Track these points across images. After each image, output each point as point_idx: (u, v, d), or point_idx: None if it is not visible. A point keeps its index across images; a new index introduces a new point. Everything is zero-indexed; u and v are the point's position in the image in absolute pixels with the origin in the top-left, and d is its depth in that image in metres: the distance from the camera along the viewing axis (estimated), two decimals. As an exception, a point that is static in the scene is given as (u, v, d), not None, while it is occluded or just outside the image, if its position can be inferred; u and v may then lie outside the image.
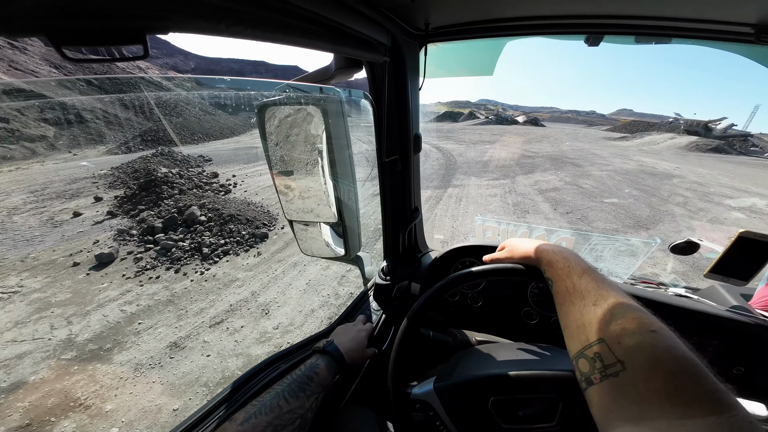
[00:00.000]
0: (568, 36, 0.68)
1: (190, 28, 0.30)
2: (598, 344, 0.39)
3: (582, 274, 0.49)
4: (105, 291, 4.33)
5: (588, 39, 0.68)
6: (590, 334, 0.40)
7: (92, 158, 14.11)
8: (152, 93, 23.74)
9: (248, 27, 0.35)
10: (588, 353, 0.39)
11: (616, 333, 0.38)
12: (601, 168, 13.84)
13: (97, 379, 3.01)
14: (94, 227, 6.21)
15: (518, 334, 1.01)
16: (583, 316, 0.43)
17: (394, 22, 0.66)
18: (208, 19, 0.31)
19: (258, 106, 0.76)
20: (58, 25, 0.23)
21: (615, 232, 6.66)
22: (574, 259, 0.53)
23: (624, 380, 0.35)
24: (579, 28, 0.66)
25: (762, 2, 0.50)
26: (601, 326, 0.40)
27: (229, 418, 0.53)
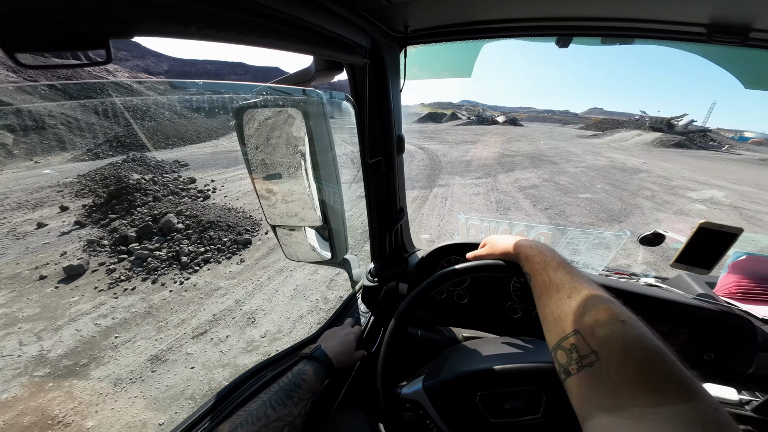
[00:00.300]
0: (540, 38, 0.71)
1: (156, 31, 0.29)
2: (574, 335, 0.40)
3: (557, 268, 0.51)
4: (76, 304, 4.08)
5: (558, 41, 0.71)
6: (566, 325, 0.42)
7: (56, 166, 13.22)
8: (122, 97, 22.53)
9: (221, 30, 0.34)
10: (565, 344, 0.40)
11: (590, 324, 0.39)
12: (575, 165, 14.48)
13: (75, 396, 2.84)
14: (60, 238, 5.82)
15: (503, 328, 1.03)
16: (559, 309, 0.45)
17: (373, 25, 0.66)
18: (175, 22, 0.30)
19: (235, 108, 0.74)
20: (9, 30, 0.21)
21: (590, 226, 6.98)
22: (550, 253, 0.55)
23: (599, 370, 0.36)
24: (550, 30, 0.69)
25: (713, 4, 0.53)
26: (575, 318, 0.41)
27: (214, 429, 0.51)
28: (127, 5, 0.26)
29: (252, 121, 0.79)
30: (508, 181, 10.61)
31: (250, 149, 0.81)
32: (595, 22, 0.65)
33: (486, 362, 0.68)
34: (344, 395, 0.87)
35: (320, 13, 0.48)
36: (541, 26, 0.68)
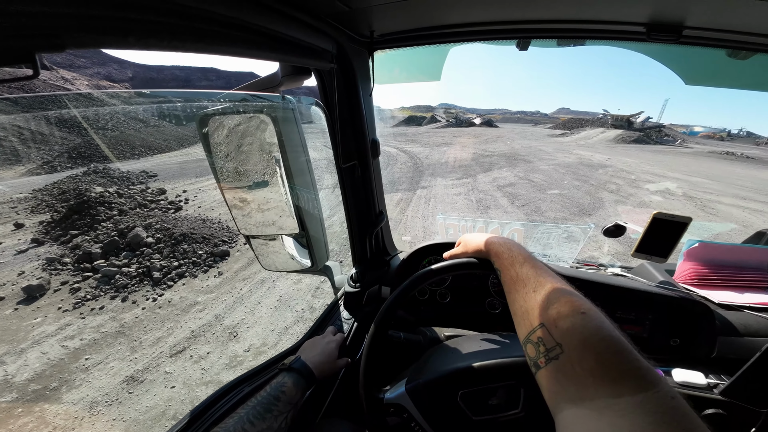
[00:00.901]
0: (502, 41, 0.74)
1: (90, 43, 0.27)
2: (540, 329, 0.40)
3: (523, 263, 0.52)
4: (40, 326, 3.78)
5: (518, 43, 0.74)
6: (533, 319, 0.42)
7: (8, 180, 12.13)
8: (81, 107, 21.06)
9: (164, 39, 0.32)
10: (533, 338, 0.41)
11: (553, 317, 0.40)
12: (548, 163, 15.17)
13: (48, 421, 2.65)
14: (17, 257, 5.35)
15: (484, 324, 1.04)
16: (526, 303, 0.46)
17: (338, 30, 0.66)
18: (110, 33, 0.28)
19: (198, 116, 0.72)
20: None
21: (564, 220, 7.33)
22: (517, 248, 0.57)
23: (563, 362, 0.36)
24: (509, 34, 0.72)
25: (651, 3, 0.57)
26: (541, 311, 0.42)
27: None
28: (53, 17, 0.24)
29: (218, 128, 0.76)
30: (487, 180, 10.94)
31: (217, 158, 0.78)
32: (549, 25, 0.68)
33: (466, 360, 0.69)
34: (329, 404, 0.85)
35: (281, 19, 0.47)
36: (502, 29, 0.71)
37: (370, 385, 0.66)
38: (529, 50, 0.77)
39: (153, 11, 0.30)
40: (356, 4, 0.54)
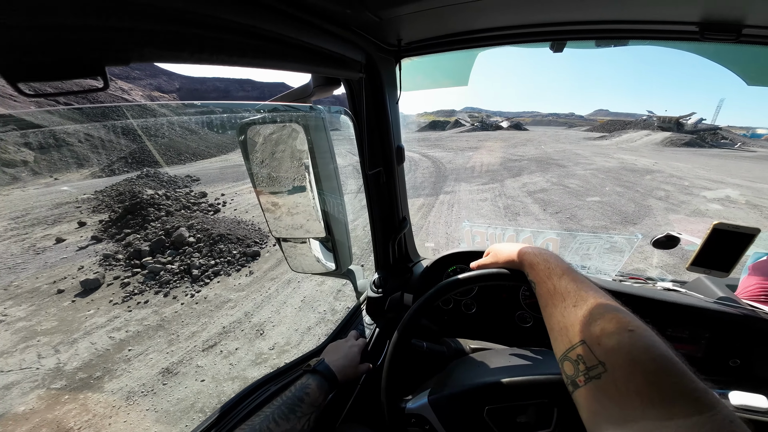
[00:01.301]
0: (534, 44, 0.71)
1: (150, 57, 0.30)
2: (581, 346, 0.39)
3: (562, 275, 0.50)
4: (92, 318, 4.17)
5: (552, 46, 0.71)
6: (572, 335, 0.41)
7: (75, 182, 13.78)
8: (137, 115, 23.51)
9: (213, 53, 0.35)
10: (571, 355, 0.39)
11: (596, 334, 0.38)
12: (584, 167, 14.27)
13: (89, 408, 2.89)
14: (78, 253, 6.01)
15: (513, 338, 1.00)
16: (565, 318, 0.44)
17: (367, 40, 0.68)
18: (168, 48, 0.31)
19: (239, 125, 0.77)
20: (10, 61, 0.23)
21: (603, 229, 6.81)
22: (554, 260, 0.54)
23: (606, 382, 0.34)
24: (543, 36, 0.69)
25: (704, 2, 0.53)
26: (582, 328, 0.40)
27: None
28: (121, 32, 0.28)
29: (255, 136, 0.81)
30: (516, 185, 10.51)
31: (254, 164, 0.83)
32: (588, 26, 0.65)
33: (494, 375, 0.66)
34: (349, 409, 0.86)
35: (313, 31, 0.50)
36: (534, 32, 0.68)
37: (392, 393, 0.65)
38: (563, 51, 0.74)
39: (203, 27, 0.34)
40: (386, 14, 0.55)
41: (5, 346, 3.68)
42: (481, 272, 0.65)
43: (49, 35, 0.24)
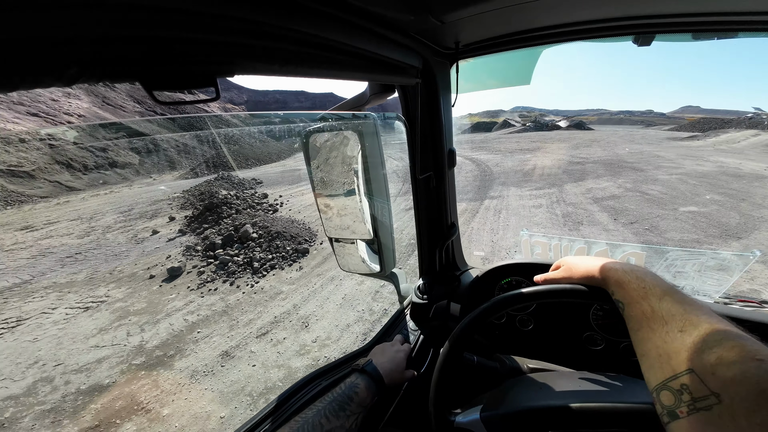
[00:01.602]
0: (615, 38, 0.63)
1: (250, 69, 0.35)
2: (687, 375, 0.36)
3: (662, 296, 0.44)
4: (173, 301, 4.87)
5: (637, 39, 0.62)
6: (676, 363, 0.37)
7: (168, 182, 16.42)
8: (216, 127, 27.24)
9: (297, 65, 0.39)
10: (673, 385, 0.37)
11: (711, 363, 0.34)
12: (669, 172, 12.18)
13: (159, 385, 3.28)
14: (167, 244, 7.12)
15: (580, 361, 0.90)
16: (666, 344, 0.40)
17: (424, 45, 0.67)
18: (264, 60, 0.36)
19: (304, 133, 0.83)
20: (148, 72, 0.28)
21: (696, 244, 5.73)
22: (651, 278, 0.48)
23: (719, 414, 0.32)
24: (627, 30, 0.61)
25: None
26: (691, 355, 0.36)
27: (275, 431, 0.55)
28: (227, 47, 0.32)
29: (316, 143, 0.88)
30: (578, 191, 9.45)
31: (313, 169, 0.89)
32: (684, 18, 0.55)
33: (560, 398, 0.60)
34: (391, 414, 0.86)
35: (376, 40, 0.51)
36: (617, 26, 0.61)
37: (441, 403, 0.63)
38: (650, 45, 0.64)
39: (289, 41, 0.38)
40: (449, 18, 0.54)
41: (104, 324, 4.42)
42: (551, 287, 0.60)
43: (174, 49, 0.28)
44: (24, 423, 2.95)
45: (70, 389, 3.30)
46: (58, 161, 17.52)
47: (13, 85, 0.21)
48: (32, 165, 16.34)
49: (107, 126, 23.35)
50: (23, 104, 24.63)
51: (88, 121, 27.04)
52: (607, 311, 0.86)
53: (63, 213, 11.25)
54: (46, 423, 2.93)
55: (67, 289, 5.46)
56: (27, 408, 3.11)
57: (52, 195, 15.09)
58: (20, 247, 7.85)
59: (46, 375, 3.51)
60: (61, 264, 6.61)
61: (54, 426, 2.89)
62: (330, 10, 0.40)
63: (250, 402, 3.01)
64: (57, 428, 2.86)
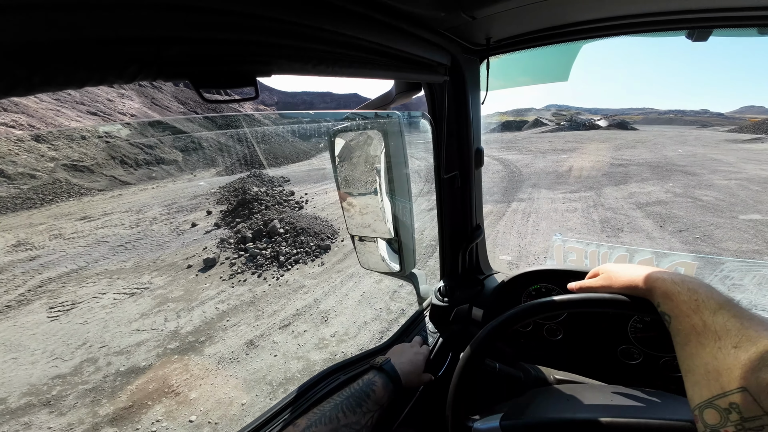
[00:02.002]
0: (666, 33, 0.57)
1: (287, 69, 0.36)
2: (739, 393, 0.34)
3: (717, 310, 0.42)
4: (207, 290, 5.20)
5: (692, 34, 0.56)
6: (726, 381, 0.36)
7: (207, 179, 17.57)
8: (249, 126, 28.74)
9: (330, 65, 0.40)
10: (720, 403, 0.35)
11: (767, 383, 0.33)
12: (726, 176, 10.91)
13: (189, 369, 3.48)
14: (204, 236, 7.63)
15: (613, 375, 0.84)
16: (717, 360, 0.38)
17: (453, 41, 0.66)
18: (299, 60, 0.37)
19: (331, 132, 0.85)
20: (197, 71, 0.29)
21: (756, 255, 5.11)
22: (705, 290, 0.45)
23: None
24: (680, 24, 0.55)
25: None
26: (744, 373, 0.35)
27: (293, 422, 0.56)
28: (265, 47, 0.34)
29: (342, 142, 0.89)
30: (619, 195, 8.76)
31: (338, 167, 0.91)
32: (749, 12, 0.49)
33: (588, 412, 0.57)
34: (406, 416, 0.85)
35: (404, 38, 0.51)
36: (670, 20, 0.55)
37: (459, 408, 0.62)
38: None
39: (322, 41, 0.39)
40: (481, 13, 0.52)
41: (146, 309, 4.79)
42: (588, 296, 0.56)
43: (219, 50, 0.30)
44: (67, 401, 3.19)
45: (110, 370, 3.57)
46: (113, 157, 19.43)
47: (82, 81, 0.23)
48: (92, 160, 18.25)
49: (155, 124, 25.50)
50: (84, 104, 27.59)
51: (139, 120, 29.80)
52: (648, 323, 0.80)
53: (116, 205, 12.46)
54: (86, 402, 3.17)
55: (116, 276, 6.01)
56: (72, 387, 3.37)
57: (108, 188, 16.77)
58: (79, 235, 8.80)
59: (92, 356, 3.82)
60: (112, 252, 7.31)
61: (93, 405, 3.13)
62: (362, 9, 0.41)
63: (270, 391, 3.13)
64: (95, 407, 3.10)
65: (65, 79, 0.22)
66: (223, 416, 2.89)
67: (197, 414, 2.92)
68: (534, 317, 0.60)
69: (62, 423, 2.97)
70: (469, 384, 0.62)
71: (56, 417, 3.03)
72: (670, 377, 0.76)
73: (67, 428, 2.91)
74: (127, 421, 2.92)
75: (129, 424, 2.89)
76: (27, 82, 0.21)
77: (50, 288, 5.73)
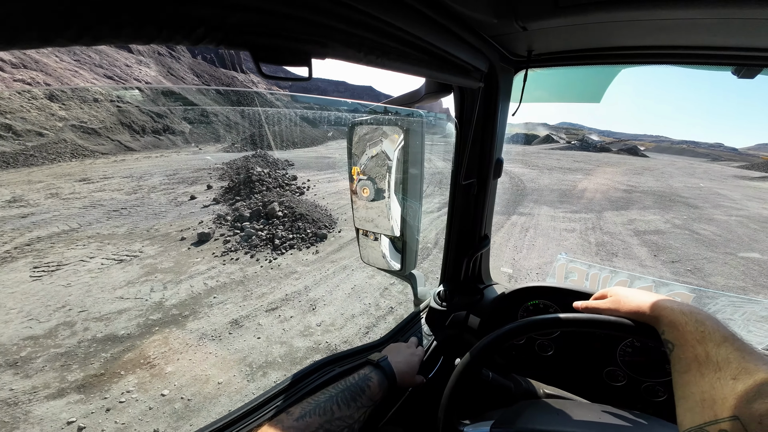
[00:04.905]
0: (712, 67, 0.57)
1: (340, 55, 0.35)
2: (730, 422, 0.35)
3: (721, 343, 0.43)
4: (197, 265, 5.17)
5: (738, 71, 0.55)
6: (720, 409, 0.37)
7: (212, 153, 17.41)
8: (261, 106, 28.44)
9: (378, 56, 0.39)
10: (710, 429, 0.37)
11: (760, 413, 0.34)
12: (728, 212, 10.99)
13: (169, 343, 3.42)
14: (202, 210, 7.58)
15: (597, 394, 0.86)
16: (714, 389, 0.39)
17: (494, 49, 0.65)
18: (353, 47, 0.36)
19: (351, 123, 0.84)
20: (258, 43, 0.28)
21: (741, 291, 5.21)
22: (712, 323, 0.46)
23: None
24: (729, 60, 0.54)
25: None
26: (738, 403, 0.36)
27: (286, 410, 0.56)
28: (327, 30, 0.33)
29: (361, 135, 0.88)
30: (619, 221, 8.80)
31: (355, 159, 0.90)
32: None
33: (576, 427, 0.59)
34: (393, 414, 0.85)
35: (449, 38, 0.50)
36: (717, 54, 0.54)
37: (452, 412, 0.63)
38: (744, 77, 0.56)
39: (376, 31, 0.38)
40: (535, 25, 0.51)
41: (132, 277, 4.72)
42: (593, 317, 0.58)
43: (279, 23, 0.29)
44: (36, 363, 3.09)
45: (86, 336, 3.48)
46: (122, 122, 19.21)
47: (149, 37, 0.23)
48: (100, 123, 18.04)
49: (167, 93, 25.15)
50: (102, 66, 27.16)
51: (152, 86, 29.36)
52: (638, 348, 0.82)
53: (118, 170, 12.35)
54: (56, 366, 3.06)
55: (107, 241, 5.95)
56: (43, 350, 3.25)
57: (112, 152, 16.61)
58: (76, 196, 8.71)
59: (69, 320, 3.72)
60: (107, 216, 7.24)
61: (62, 370, 3.04)
62: (416, 4, 0.40)
63: (248, 372, 3.09)
64: (64, 372, 3.02)
65: (133, 32, 0.21)
66: (197, 393, 2.85)
67: (171, 388, 2.88)
68: (537, 332, 0.61)
69: (26, 385, 2.90)
70: (463, 389, 0.63)
71: (21, 379, 2.96)
72: (650, 402, 0.79)
73: (30, 391, 2.85)
74: (96, 389, 2.86)
75: (97, 392, 2.84)
76: (94, 30, 0.20)
77: (38, 247, 5.63)
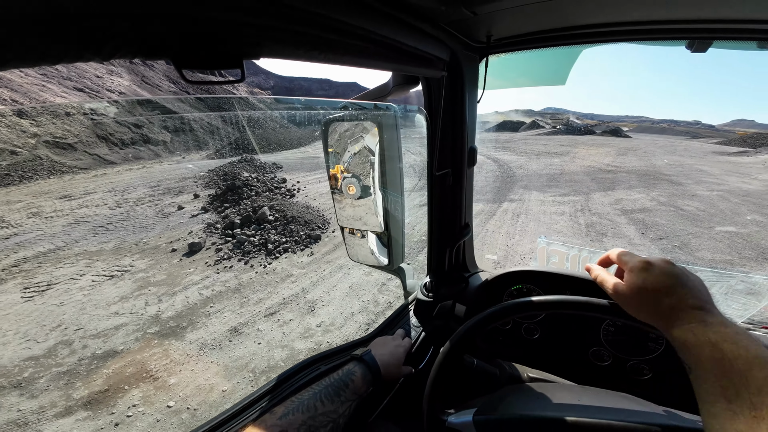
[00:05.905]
0: (666, 42, 0.58)
1: (277, 53, 0.35)
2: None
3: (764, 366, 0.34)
4: (190, 275, 5.10)
5: (691, 45, 0.57)
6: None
7: (196, 161, 17.04)
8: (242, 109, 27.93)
9: (322, 51, 0.39)
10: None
11: None
12: (710, 187, 11.33)
13: (169, 354, 3.41)
14: (190, 220, 7.44)
15: (583, 376, 0.87)
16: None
17: (453, 37, 0.64)
18: (290, 45, 0.35)
19: (324, 121, 0.83)
20: (178, 50, 0.28)
21: (728, 265, 5.38)
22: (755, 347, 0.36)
23: None
24: (681, 33, 0.55)
25: None
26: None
27: (270, 410, 0.56)
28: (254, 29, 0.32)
29: (336, 132, 0.87)
30: (606, 201, 8.99)
31: (332, 157, 0.90)
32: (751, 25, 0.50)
33: (556, 410, 0.59)
34: (384, 407, 0.86)
35: (402, 29, 0.50)
36: (670, 29, 0.55)
37: (435, 401, 0.64)
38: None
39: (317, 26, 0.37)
40: (482, 9, 0.51)
41: (125, 292, 4.65)
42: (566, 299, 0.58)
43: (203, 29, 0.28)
44: (40, 383, 3.10)
45: (86, 353, 3.46)
46: (98, 135, 18.59)
47: (56, 57, 0.22)
48: (75, 138, 17.42)
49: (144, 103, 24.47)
50: (71, 80, 26.16)
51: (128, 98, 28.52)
52: (619, 327, 0.83)
53: (99, 185, 11.99)
54: (60, 384, 3.08)
55: (96, 257, 5.81)
56: (45, 369, 3.26)
57: (91, 167, 16.08)
58: (58, 214, 8.44)
59: (67, 338, 3.69)
60: (93, 233, 7.04)
61: (66, 388, 3.04)
62: None
63: (252, 378, 3.11)
64: (69, 390, 3.01)
65: (39, 55, 0.21)
66: (202, 402, 2.85)
67: (176, 399, 2.88)
68: (514, 315, 0.62)
69: (33, 405, 2.88)
70: (446, 378, 0.64)
71: (27, 399, 2.94)
72: (636, 380, 0.80)
73: (38, 410, 2.83)
74: (102, 405, 2.85)
75: (104, 408, 2.83)
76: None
77: (25, 268, 5.49)
